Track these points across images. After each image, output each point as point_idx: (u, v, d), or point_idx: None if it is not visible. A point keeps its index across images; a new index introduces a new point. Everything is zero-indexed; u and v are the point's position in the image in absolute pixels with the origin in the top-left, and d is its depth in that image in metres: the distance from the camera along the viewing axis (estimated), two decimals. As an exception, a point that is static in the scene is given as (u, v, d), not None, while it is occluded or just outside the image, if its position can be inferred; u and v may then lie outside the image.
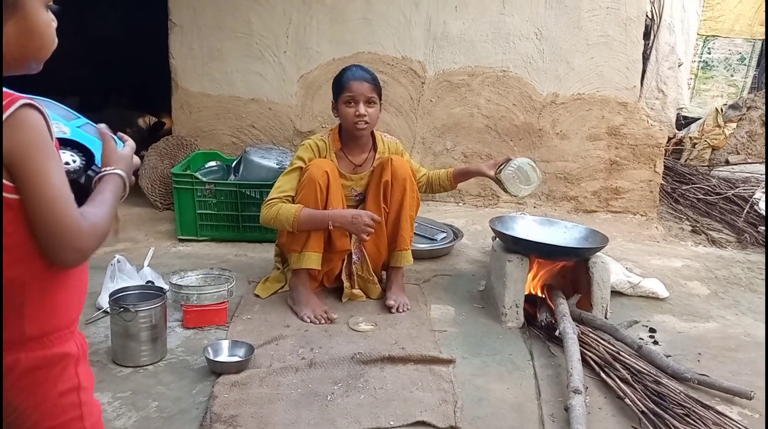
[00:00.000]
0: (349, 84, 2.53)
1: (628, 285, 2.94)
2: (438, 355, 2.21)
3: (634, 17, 4.29)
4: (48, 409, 0.99)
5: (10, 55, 0.94)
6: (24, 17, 0.94)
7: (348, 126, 2.57)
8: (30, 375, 0.97)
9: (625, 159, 4.45)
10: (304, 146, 2.64)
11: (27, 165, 0.89)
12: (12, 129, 0.87)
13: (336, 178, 2.54)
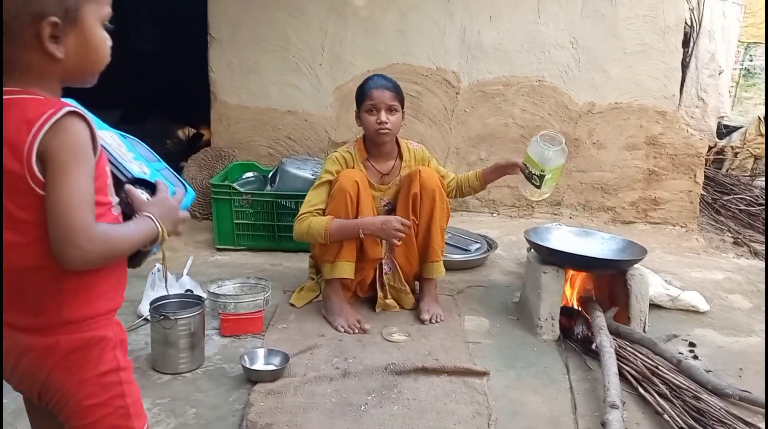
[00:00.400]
0: (370, 92, 2.57)
1: (668, 298, 2.88)
2: (472, 367, 2.20)
3: (673, 25, 4.23)
4: (90, 388, 1.05)
5: (69, 67, 1.00)
6: (82, 31, 0.99)
7: (370, 134, 2.61)
8: (71, 356, 1.03)
9: (664, 169, 4.38)
10: (331, 159, 2.67)
11: (56, 164, 0.94)
12: (54, 132, 0.93)
13: (366, 188, 2.56)
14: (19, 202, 0.95)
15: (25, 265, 0.99)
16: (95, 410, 1.06)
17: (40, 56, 0.97)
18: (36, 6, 0.94)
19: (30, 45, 0.95)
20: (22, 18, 0.93)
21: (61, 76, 1.01)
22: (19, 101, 0.95)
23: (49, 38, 0.95)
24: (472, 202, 4.47)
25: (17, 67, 0.97)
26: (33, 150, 0.93)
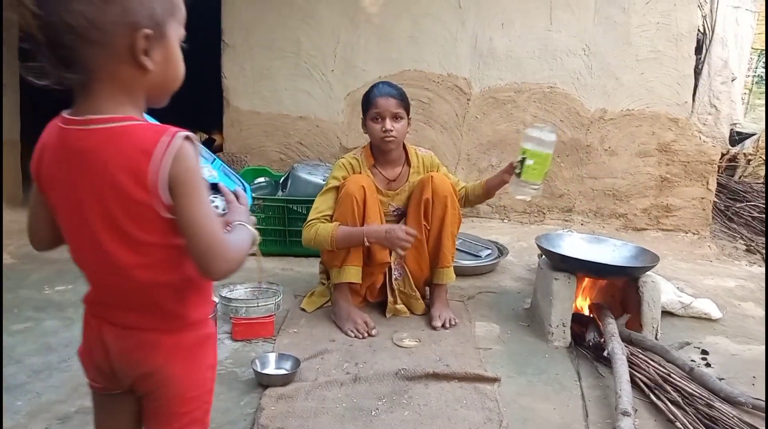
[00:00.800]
0: (375, 100, 2.58)
1: (680, 305, 2.86)
2: (483, 373, 2.20)
3: (686, 32, 4.22)
4: (197, 380, 1.15)
5: (154, 81, 1.02)
6: (167, 47, 1.02)
7: (376, 141, 2.62)
8: (192, 350, 1.12)
9: (677, 176, 4.36)
10: (338, 165, 2.68)
11: (186, 188, 0.98)
12: (178, 159, 0.97)
13: (373, 193, 2.57)
14: (143, 226, 1.00)
15: (152, 282, 1.05)
16: (192, 402, 1.15)
17: (130, 68, 0.98)
18: (132, 17, 0.95)
19: (121, 56, 0.97)
20: (118, 29, 0.95)
21: (146, 90, 1.03)
22: (127, 129, 0.98)
23: (142, 50, 0.97)
24: (483, 208, 4.47)
25: (106, 79, 0.98)
26: (158, 178, 0.96)
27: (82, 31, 0.92)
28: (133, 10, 0.95)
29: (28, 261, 3.38)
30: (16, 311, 2.66)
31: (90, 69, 0.96)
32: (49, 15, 0.90)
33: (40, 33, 0.91)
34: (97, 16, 0.92)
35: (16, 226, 3.97)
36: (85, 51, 0.94)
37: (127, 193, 0.97)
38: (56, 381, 2.08)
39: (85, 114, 0.98)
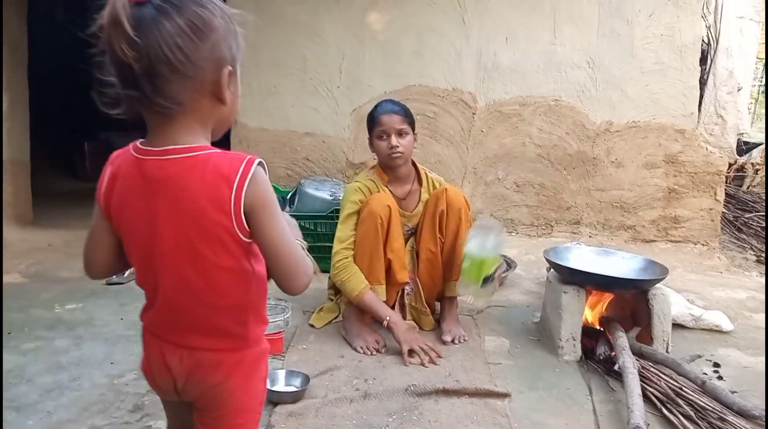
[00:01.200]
0: (379, 119, 2.59)
1: (690, 317, 2.85)
2: (493, 389, 2.19)
3: (690, 44, 4.23)
4: (253, 393, 1.20)
5: (224, 114, 1.08)
6: (236, 83, 1.08)
7: (383, 159, 2.63)
8: (251, 366, 1.18)
9: (684, 187, 4.35)
10: (353, 189, 2.66)
11: (265, 211, 1.04)
12: (254, 185, 1.02)
13: (396, 212, 2.57)
14: (220, 251, 1.05)
15: (221, 304, 1.11)
16: (247, 413, 1.20)
17: (210, 101, 1.04)
18: (219, 54, 1.02)
19: (206, 90, 1.03)
20: (207, 64, 1.01)
21: (216, 122, 1.08)
22: (207, 158, 1.03)
23: (226, 85, 1.04)
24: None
25: (188, 111, 1.03)
26: (240, 203, 1.02)
27: (178, 65, 0.97)
28: (220, 47, 1.02)
29: (39, 280, 3.40)
30: (26, 330, 2.68)
31: (179, 101, 1.01)
32: (148, 46, 0.95)
33: (137, 63, 0.95)
34: (192, 51, 0.98)
35: (26, 245, 4.00)
36: (177, 83, 0.99)
37: (208, 218, 1.02)
38: (67, 400, 2.08)
39: (164, 145, 1.03)
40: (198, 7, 0.99)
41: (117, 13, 0.93)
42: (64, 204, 5.27)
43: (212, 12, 1.01)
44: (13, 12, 4.35)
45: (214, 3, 1.03)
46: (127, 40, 0.94)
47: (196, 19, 0.98)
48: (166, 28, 0.95)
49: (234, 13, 1.07)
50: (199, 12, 0.99)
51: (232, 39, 1.05)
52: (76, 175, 6.84)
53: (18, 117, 4.43)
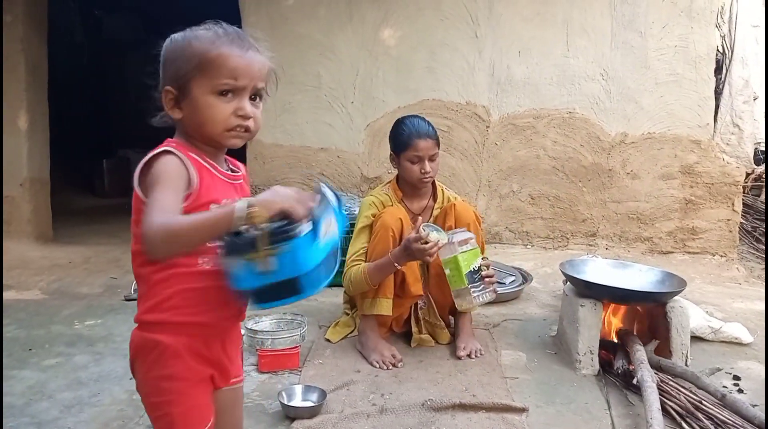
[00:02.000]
0: (414, 143, 2.55)
1: (709, 330, 2.82)
2: (510, 403, 2.18)
3: (704, 54, 4.22)
4: (147, 386, 1.26)
5: (189, 127, 1.24)
6: (190, 97, 1.22)
7: (413, 181, 2.62)
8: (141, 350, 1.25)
9: (701, 198, 4.32)
10: (368, 204, 2.67)
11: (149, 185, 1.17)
12: (152, 165, 1.18)
13: (408, 225, 2.58)
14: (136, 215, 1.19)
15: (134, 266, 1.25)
16: (150, 410, 1.28)
17: (172, 115, 1.25)
18: (165, 79, 1.25)
19: (166, 107, 1.25)
20: (163, 86, 1.24)
21: (188, 132, 1.25)
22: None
23: (169, 102, 1.24)
24: (506, 234, 4.46)
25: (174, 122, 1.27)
26: (136, 177, 1.19)
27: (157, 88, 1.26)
28: (167, 72, 1.25)
29: (59, 297, 3.44)
30: (47, 346, 2.71)
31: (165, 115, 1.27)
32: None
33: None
34: (161, 79, 1.26)
35: (47, 262, 4.06)
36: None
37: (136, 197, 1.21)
38: (87, 416, 2.10)
39: None
40: (169, 41, 1.27)
41: None
42: (83, 221, 5.34)
43: (172, 42, 1.26)
44: (33, 32, 4.45)
45: (181, 33, 1.25)
46: None
47: (163, 51, 1.27)
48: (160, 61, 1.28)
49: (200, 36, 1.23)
50: (167, 45, 1.27)
51: (180, 61, 1.22)
52: (95, 192, 6.94)
53: (38, 136, 4.52)
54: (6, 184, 4.32)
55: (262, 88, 1.27)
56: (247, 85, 1.23)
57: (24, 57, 4.32)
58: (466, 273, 2.39)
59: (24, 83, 4.34)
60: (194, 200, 1.18)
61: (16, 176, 4.34)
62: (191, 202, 1.18)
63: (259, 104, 1.28)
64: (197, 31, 1.24)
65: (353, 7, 4.35)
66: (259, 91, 1.27)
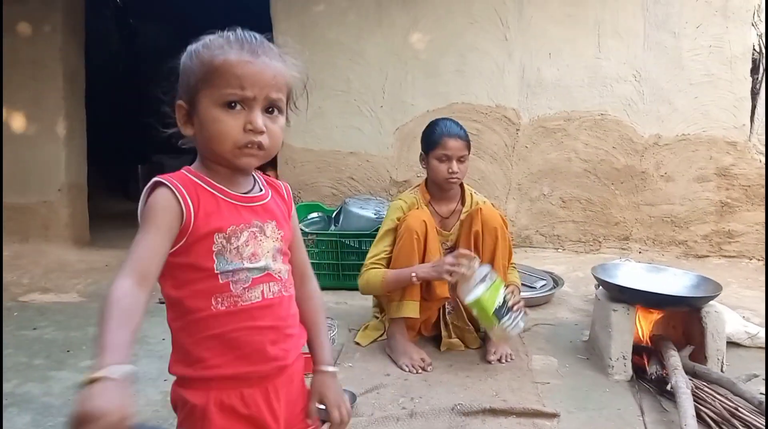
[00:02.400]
0: (444, 141, 2.58)
1: (746, 335, 2.75)
2: (541, 409, 2.16)
3: (740, 54, 4.13)
4: None
5: (200, 144, 1.16)
6: (199, 114, 1.12)
7: (439, 181, 2.62)
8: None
9: (738, 200, 4.22)
10: (394, 208, 2.69)
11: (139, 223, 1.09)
12: (146, 200, 1.10)
13: (433, 228, 2.58)
14: None
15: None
16: None
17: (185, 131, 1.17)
18: (178, 92, 1.16)
19: (179, 122, 1.16)
20: (175, 101, 1.16)
21: (200, 151, 1.17)
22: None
23: (182, 118, 1.15)
24: (536, 237, 4.43)
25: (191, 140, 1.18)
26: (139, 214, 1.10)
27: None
28: (181, 85, 1.16)
29: (95, 299, 3.52)
30: (84, 348, 2.78)
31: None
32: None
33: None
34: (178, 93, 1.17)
35: (83, 266, 4.16)
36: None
37: None
38: (123, 416, 2.15)
39: None
40: (183, 55, 1.17)
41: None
42: (119, 225, 5.44)
43: (187, 55, 1.16)
44: (71, 41, 4.57)
45: (196, 44, 1.15)
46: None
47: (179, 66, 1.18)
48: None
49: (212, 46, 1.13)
50: (181, 60, 1.17)
51: (192, 75, 1.12)
52: (130, 197, 7.08)
53: (76, 143, 4.64)
54: (44, 190, 4.45)
55: (277, 98, 1.11)
56: (257, 96, 1.08)
57: (62, 66, 4.44)
58: (493, 312, 2.29)
59: (62, 91, 4.45)
60: (192, 233, 1.08)
61: (54, 182, 4.46)
62: (188, 236, 1.08)
63: (278, 118, 1.13)
64: (208, 38, 1.13)
65: (383, 13, 4.37)
66: (276, 103, 1.11)
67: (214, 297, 1.09)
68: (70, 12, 4.54)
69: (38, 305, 3.42)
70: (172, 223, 1.06)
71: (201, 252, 1.09)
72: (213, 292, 1.09)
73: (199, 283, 1.09)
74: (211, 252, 1.09)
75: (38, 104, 4.39)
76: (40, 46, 4.37)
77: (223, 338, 1.10)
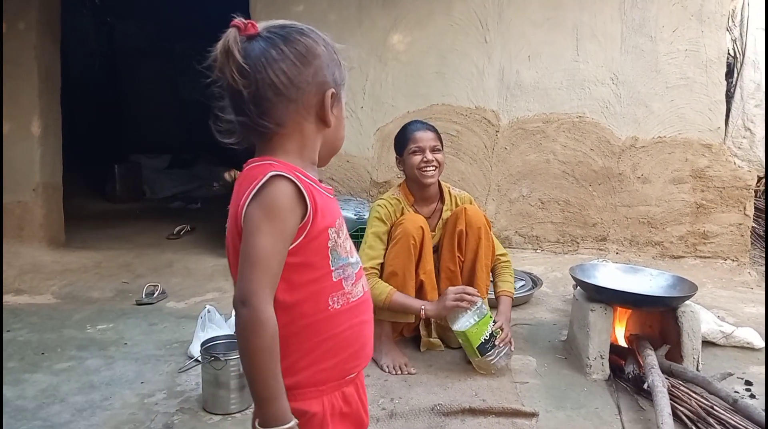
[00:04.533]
0: (413, 135, 2.63)
1: (721, 335, 2.80)
2: (520, 408, 2.18)
3: (715, 58, 4.20)
4: None
5: (327, 138, 1.12)
6: (340, 107, 1.12)
7: (415, 174, 2.62)
8: None
9: (712, 202, 4.29)
10: (377, 206, 2.67)
11: (247, 224, 1.00)
12: (257, 196, 1.00)
13: (429, 234, 2.59)
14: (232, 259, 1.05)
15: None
16: None
17: (315, 124, 1.09)
18: (322, 78, 1.08)
19: (309, 112, 1.08)
20: (311, 87, 1.06)
21: (320, 144, 1.12)
22: (255, 167, 1.05)
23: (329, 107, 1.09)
24: (515, 238, 4.46)
25: (290, 132, 1.07)
26: (242, 211, 1.01)
27: (282, 88, 1.04)
28: (323, 72, 1.08)
29: (70, 301, 3.47)
30: (59, 350, 2.74)
31: (281, 122, 1.06)
32: (256, 72, 1.03)
33: (246, 89, 1.03)
34: (295, 76, 1.05)
35: (58, 267, 4.09)
36: (281, 105, 1.05)
37: (231, 219, 1.06)
38: (99, 419, 2.12)
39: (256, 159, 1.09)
40: (302, 36, 1.07)
41: (229, 45, 1.02)
42: (95, 226, 5.38)
43: (315, 41, 1.08)
44: (47, 39, 4.50)
45: (318, 33, 1.10)
46: (238, 68, 1.02)
47: (300, 46, 1.06)
48: (272, 54, 1.04)
49: (336, 46, 1.13)
50: (303, 40, 1.07)
51: (334, 66, 1.10)
52: (107, 197, 6.99)
53: (51, 142, 4.56)
54: (19, 189, 4.36)
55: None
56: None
57: (37, 63, 4.37)
58: (477, 346, 2.41)
59: (37, 89, 4.38)
60: (310, 232, 1.03)
61: (29, 181, 4.38)
62: (307, 234, 1.03)
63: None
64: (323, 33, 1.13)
65: (363, 13, 4.37)
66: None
67: (331, 296, 1.06)
68: (45, 9, 4.46)
69: (12, 307, 3.36)
70: (297, 223, 1.02)
71: (317, 249, 1.05)
72: (330, 292, 1.06)
73: (315, 283, 1.05)
74: (326, 248, 1.06)
75: (12, 102, 4.31)
76: (15, 44, 4.29)
77: (339, 338, 1.07)
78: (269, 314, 0.97)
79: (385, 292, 2.50)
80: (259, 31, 1.06)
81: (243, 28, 1.05)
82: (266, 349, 0.97)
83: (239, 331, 0.99)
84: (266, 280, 0.98)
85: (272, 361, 0.97)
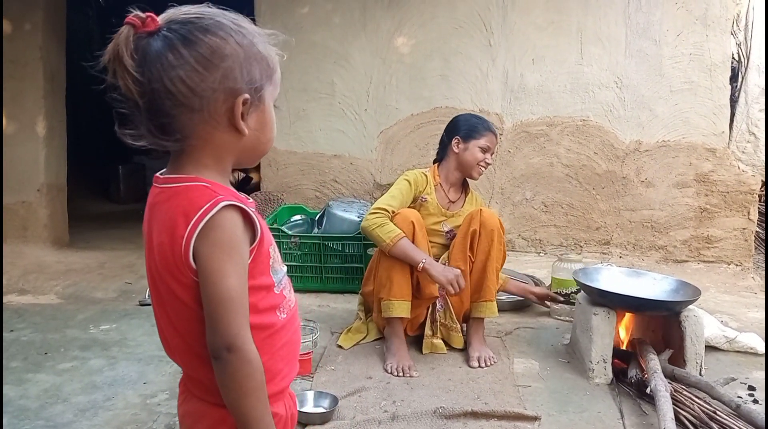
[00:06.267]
0: (489, 134, 2.77)
1: (724, 339, 2.79)
2: (523, 412, 2.17)
3: (719, 62, 4.20)
4: None
5: (247, 144, 1.00)
6: (263, 111, 1.01)
7: (471, 165, 2.76)
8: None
9: (716, 206, 4.28)
10: (409, 172, 2.82)
11: (203, 262, 0.93)
12: (207, 229, 0.92)
13: (422, 228, 2.61)
14: (178, 290, 0.96)
15: (184, 348, 1.01)
16: None
17: (225, 133, 0.97)
18: (231, 83, 0.94)
19: (218, 121, 0.96)
20: (217, 95, 0.94)
21: (237, 153, 1.01)
22: (184, 190, 0.95)
23: (240, 115, 0.96)
24: (518, 241, 4.45)
25: (199, 144, 0.97)
26: (188, 245, 0.92)
27: (182, 98, 0.92)
28: (234, 76, 0.94)
29: (74, 301, 3.48)
30: (62, 350, 2.74)
31: (186, 135, 0.95)
32: (151, 82, 0.91)
33: (141, 98, 0.91)
34: (197, 83, 0.92)
35: (62, 267, 4.10)
36: (182, 117, 0.94)
37: (165, 253, 0.95)
38: (101, 420, 2.12)
39: (172, 174, 0.98)
40: (207, 35, 0.93)
41: (119, 49, 0.90)
42: (99, 226, 5.40)
43: (224, 38, 0.94)
44: (52, 40, 4.52)
45: (229, 27, 0.95)
46: (130, 75, 0.90)
47: (203, 47, 0.92)
48: (168, 60, 0.91)
49: (261, 35, 1.00)
50: (208, 40, 0.93)
51: (253, 63, 0.97)
52: (111, 198, 7.01)
53: (56, 143, 4.58)
54: (23, 190, 4.38)
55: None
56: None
57: (42, 65, 4.39)
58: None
59: (42, 90, 4.40)
60: (256, 255, 0.98)
61: (33, 182, 4.40)
62: (254, 258, 0.98)
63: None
64: (236, 22, 0.98)
65: (367, 16, 4.37)
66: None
67: (278, 309, 1.04)
68: (51, 10, 4.48)
69: (15, 307, 3.37)
70: (248, 250, 0.97)
71: (263, 269, 1.01)
72: (277, 305, 1.04)
73: (264, 301, 1.01)
74: (268, 266, 1.02)
75: (17, 103, 4.33)
76: (20, 45, 4.31)
77: (289, 345, 1.06)
78: (255, 351, 0.94)
79: (395, 232, 2.52)
80: (159, 26, 0.92)
81: (140, 24, 0.91)
82: (260, 387, 0.95)
83: (227, 380, 0.93)
84: (244, 319, 0.94)
85: (265, 396, 0.95)
